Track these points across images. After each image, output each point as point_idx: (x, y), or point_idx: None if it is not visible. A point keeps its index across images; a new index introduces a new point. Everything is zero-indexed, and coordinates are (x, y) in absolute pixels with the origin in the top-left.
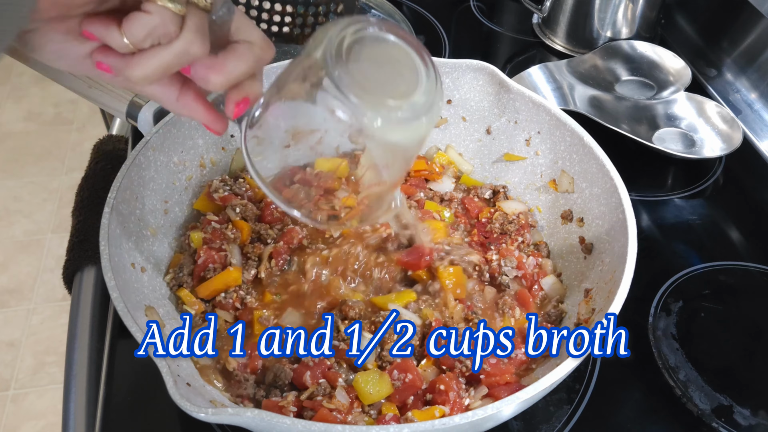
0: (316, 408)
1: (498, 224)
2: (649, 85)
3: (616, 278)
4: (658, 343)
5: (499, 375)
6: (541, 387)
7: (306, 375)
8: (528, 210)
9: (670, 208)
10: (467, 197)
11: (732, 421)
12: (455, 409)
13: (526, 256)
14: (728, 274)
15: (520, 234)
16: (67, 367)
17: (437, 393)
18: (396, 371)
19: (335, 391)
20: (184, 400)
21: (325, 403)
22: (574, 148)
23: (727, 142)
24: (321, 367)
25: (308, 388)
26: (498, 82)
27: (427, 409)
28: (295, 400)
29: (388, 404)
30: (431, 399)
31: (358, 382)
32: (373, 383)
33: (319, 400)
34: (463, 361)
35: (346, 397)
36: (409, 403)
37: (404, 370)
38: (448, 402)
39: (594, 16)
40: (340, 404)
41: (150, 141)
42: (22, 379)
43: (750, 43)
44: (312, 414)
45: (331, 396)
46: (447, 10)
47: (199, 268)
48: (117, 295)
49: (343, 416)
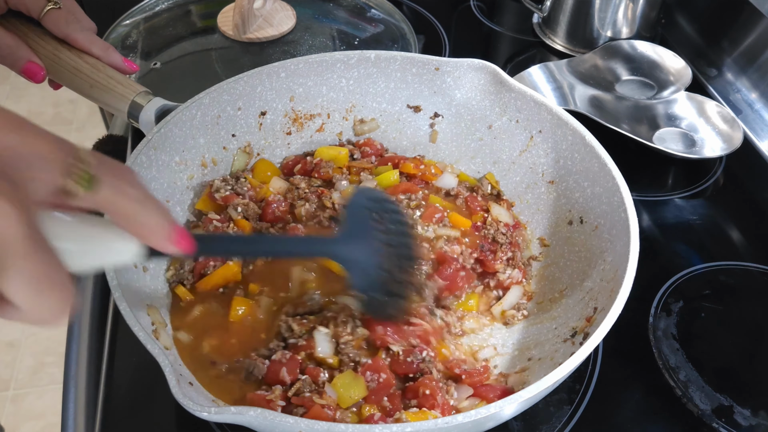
0: (306, 404)
1: (492, 230)
2: (649, 85)
3: (618, 277)
4: (658, 343)
5: (477, 375)
6: (541, 387)
7: (282, 371)
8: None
9: (670, 208)
10: (470, 195)
11: (732, 421)
12: (445, 413)
13: (512, 268)
14: (728, 274)
15: (511, 250)
16: (66, 367)
17: (423, 398)
18: (369, 372)
19: (324, 387)
20: (187, 399)
21: (315, 399)
22: (576, 147)
23: (727, 142)
24: (294, 363)
25: (283, 382)
26: (499, 82)
27: (418, 412)
28: (282, 394)
29: (367, 405)
30: (417, 404)
31: (337, 386)
32: (350, 386)
33: (308, 396)
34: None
35: (334, 392)
36: (385, 405)
37: (376, 370)
38: (437, 406)
39: (594, 15)
40: (331, 400)
41: (151, 140)
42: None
43: (750, 42)
44: (303, 410)
45: (320, 392)
46: (447, 10)
47: (200, 266)
48: (119, 295)
49: (333, 412)
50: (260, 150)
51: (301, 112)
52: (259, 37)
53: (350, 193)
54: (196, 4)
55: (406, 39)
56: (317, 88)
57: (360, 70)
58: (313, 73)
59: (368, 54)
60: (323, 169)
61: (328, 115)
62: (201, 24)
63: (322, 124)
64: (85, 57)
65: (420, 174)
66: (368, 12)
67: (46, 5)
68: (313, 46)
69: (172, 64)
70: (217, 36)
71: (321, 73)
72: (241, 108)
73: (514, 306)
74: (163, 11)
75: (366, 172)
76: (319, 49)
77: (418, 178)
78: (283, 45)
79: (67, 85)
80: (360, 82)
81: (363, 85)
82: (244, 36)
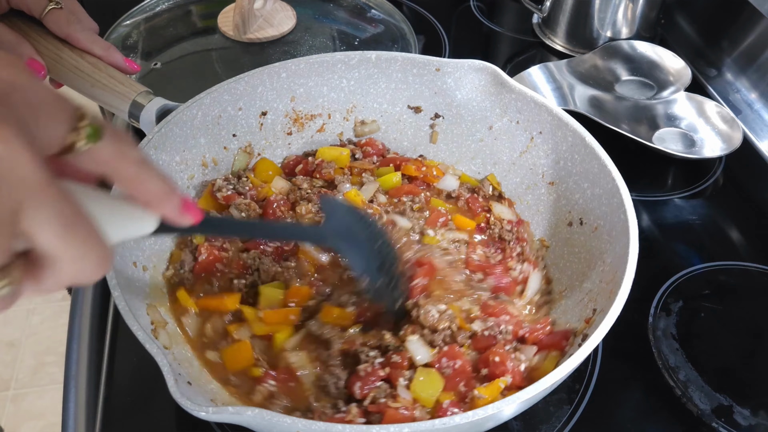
0: (382, 410)
1: (497, 229)
2: (649, 85)
3: (618, 279)
4: (658, 343)
5: (541, 329)
6: (541, 387)
7: (356, 385)
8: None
9: (670, 208)
10: (471, 197)
11: (732, 421)
12: (516, 377)
13: (521, 263)
14: (728, 274)
15: (519, 245)
16: (66, 367)
17: (493, 365)
18: (444, 359)
19: (396, 390)
20: (185, 399)
21: (390, 403)
22: (576, 148)
23: (727, 142)
24: (375, 375)
25: (357, 395)
26: (500, 83)
27: (489, 385)
28: (359, 411)
29: (443, 393)
30: (487, 374)
31: (416, 392)
32: (426, 386)
33: (383, 402)
34: (503, 333)
35: (408, 393)
36: (461, 389)
37: (452, 357)
38: (507, 372)
39: (594, 16)
40: (406, 401)
41: (152, 140)
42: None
43: (750, 43)
44: (380, 417)
45: (394, 396)
46: (447, 10)
47: (200, 266)
48: (118, 294)
49: (410, 412)
50: (261, 150)
51: (301, 113)
52: (260, 38)
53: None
54: (196, 5)
55: (406, 39)
56: (318, 88)
57: (361, 70)
58: (314, 74)
59: (369, 54)
60: (325, 169)
61: (329, 115)
62: (201, 24)
63: (322, 125)
64: (87, 57)
65: (422, 176)
66: (368, 12)
67: (48, 5)
68: (313, 47)
69: (172, 64)
70: (217, 36)
71: (322, 74)
72: (241, 108)
73: (538, 292)
74: (163, 11)
75: (368, 173)
76: (319, 50)
77: (420, 179)
78: (283, 45)
79: (68, 84)
80: (361, 83)
81: (364, 85)
82: (244, 36)
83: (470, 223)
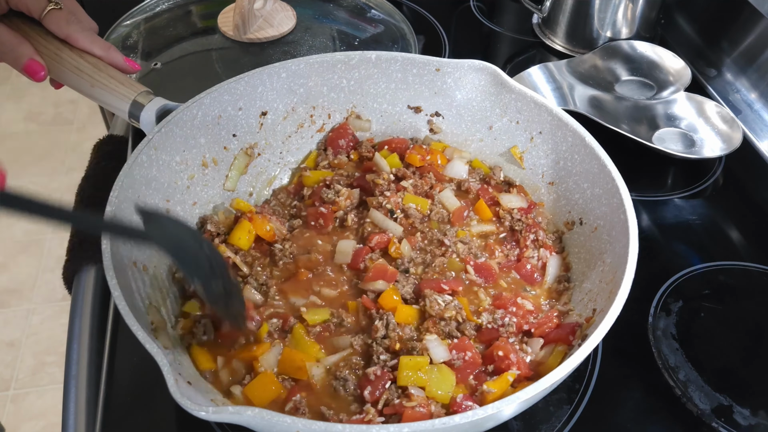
0: (398, 411)
1: (507, 222)
2: (649, 85)
3: (617, 279)
4: (658, 343)
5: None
6: (541, 387)
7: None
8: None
9: (670, 208)
10: (482, 188)
11: (732, 421)
12: (523, 369)
13: (539, 248)
14: (728, 274)
15: (532, 231)
16: (67, 367)
17: (498, 360)
18: (454, 351)
19: (409, 389)
20: (185, 399)
21: (405, 402)
22: (576, 148)
23: (727, 142)
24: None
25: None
26: (500, 83)
27: (497, 379)
28: (376, 411)
29: (456, 387)
30: (494, 369)
31: (431, 391)
32: (439, 382)
33: (398, 403)
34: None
35: (420, 390)
36: (471, 382)
37: (462, 349)
38: (513, 364)
39: (594, 16)
40: (421, 399)
41: (152, 140)
42: (22, 379)
43: (750, 43)
44: (398, 418)
45: (408, 396)
46: (447, 10)
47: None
48: (118, 294)
49: (426, 409)
50: (261, 150)
51: (301, 113)
52: (260, 38)
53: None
54: (196, 5)
55: (406, 39)
56: (318, 88)
57: (361, 70)
58: (314, 74)
59: (369, 55)
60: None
61: (329, 115)
62: (201, 24)
63: (322, 125)
64: (87, 57)
65: (427, 164)
66: (368, 12)
67: (47, 5)
68: (313, 47)
69: (172, 64)
70: (217, 36)
71: (322, 74)
72: (242, 108)
73: (557, 279)
74: (163, 12)
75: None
76: (319, 50)
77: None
78: (283, 45)
79: (68, 84)
80: (361, 83)
81: (364, 85)
82: (244, 36)
83: (489, 212)
